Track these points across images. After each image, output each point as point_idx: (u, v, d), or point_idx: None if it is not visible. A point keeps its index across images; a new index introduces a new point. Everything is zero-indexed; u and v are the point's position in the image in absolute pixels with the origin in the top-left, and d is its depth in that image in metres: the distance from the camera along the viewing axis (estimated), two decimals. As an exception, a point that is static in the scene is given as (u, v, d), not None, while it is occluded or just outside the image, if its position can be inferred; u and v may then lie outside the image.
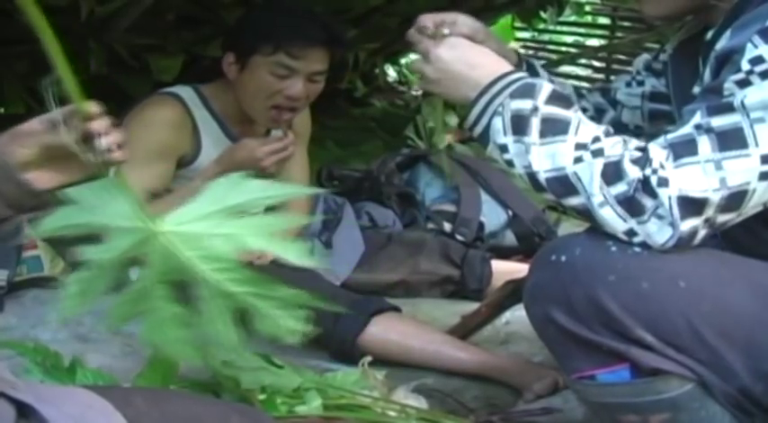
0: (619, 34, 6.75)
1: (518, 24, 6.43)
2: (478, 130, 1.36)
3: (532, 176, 1.30)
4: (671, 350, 1.24)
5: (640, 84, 1.79)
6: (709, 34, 1.37)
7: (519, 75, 1.36)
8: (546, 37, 7.75)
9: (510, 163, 1.32)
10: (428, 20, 1.50)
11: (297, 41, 2.14)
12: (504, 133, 1.31)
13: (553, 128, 1.28)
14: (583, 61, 7.04)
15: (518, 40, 7.67)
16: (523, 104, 1.30)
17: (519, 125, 1.30)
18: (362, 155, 4.02)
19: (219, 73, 2.28)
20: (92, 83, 3.81)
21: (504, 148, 1.32)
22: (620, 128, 1.77)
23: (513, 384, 2.00)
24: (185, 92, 2.28)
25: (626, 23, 6.75)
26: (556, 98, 1.32)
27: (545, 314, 1.30)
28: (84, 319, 2.26)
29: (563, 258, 1.28)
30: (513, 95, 1.32)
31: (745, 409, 1.27)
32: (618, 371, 1.27)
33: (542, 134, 1.28)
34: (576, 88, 1.85)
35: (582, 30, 7.60)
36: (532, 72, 1.73)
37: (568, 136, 1.27)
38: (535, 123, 1.29)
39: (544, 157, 1.28)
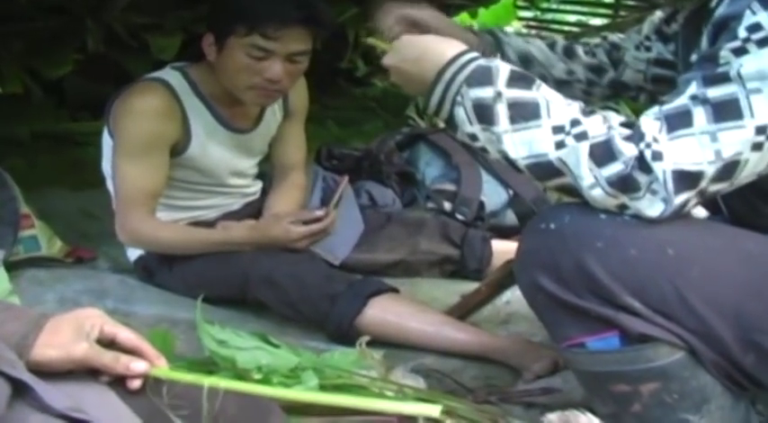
0: (622, 13, 6.71)
1: (520, 3, 6.40)
2: (443, 117, 1.34)
3: (510, 162, 1.29)
4: (659, 317, 1.23)
5: (648, 49, 1.76)
6: (714, 1, 1.34)
7: (469, 56, 1.33)
8: (549, 16, 7.72)
9: (483, 149, 1.31)
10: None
11: (271, 22, 2.08)
12: (470, 123, 1.29)
13: (523, 112, 1.26)
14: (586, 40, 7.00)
15: (521, 19, 7.65)
16: (483, 92, 1.28)
17: (484, 114, 1.28)
18: (363, 134, 4.01)
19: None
20: (90, 62, 3.83)
21: (473, 137, 1.30)
22: (620, 87, 1.76)
23: (512, 364, 1.99)
24: (173, 77, 2.25)
25: (629, 2, 6.71)
26: (516, 79, 1.29)
27: (533, 281, 1.29)
28: (81, 298, 2.25)
29: (552, 226, 1.28)
30: (470, 83, 1.29)
31: (736, 381, 1.26)
32: (607, 338, 1.27)
33: (512, 120, 1.26)
34: (568, 48, 1.82)
35: (585, 9, 7.57)
36: (498, 43, 1.71)
37: (542, 120, 1.25)
38: (501, 110, 1.27)
39: (520, 145, 1.26)
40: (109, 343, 1.17)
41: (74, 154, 3.65)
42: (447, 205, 2.86)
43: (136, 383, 1.16)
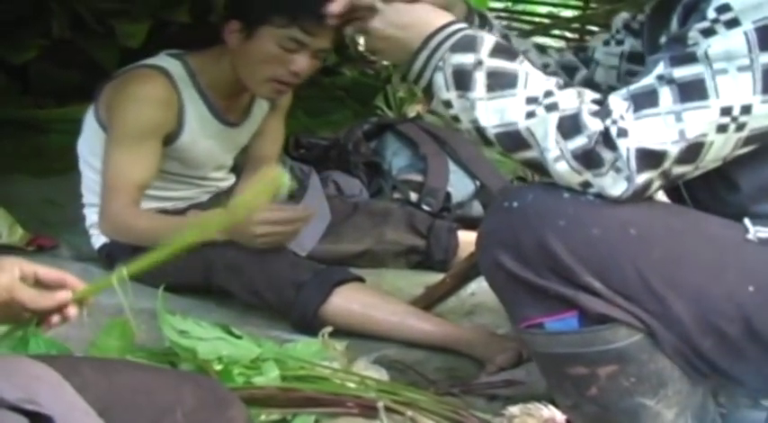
0: (593, 5, 6.72)
1: (492, -6, 6.40)
2: (422, 84, 1.33)
3: (480, 131, 1.28)
4: (619, 298, 1.23)
5: (619, 43, 1.76)
6: None
7: (457, 26, 1.33)
8: (520, 7, 7.72)
9: (455, 118, 1.30)
10: None
11: (313, 17, 2.06)
12: (447, 89, 1.29)
13: (501, 81, 1.26)
14: (556, 32, 7.01)
15: (492, 9, 7.64)
16: (465, 58, 1.27)
17: (462, 80, 1.27)
18: (332, 124, 3.99)
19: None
20: (55, 48, 3.78)
21: (447, 104, 1.30)
22: (592, 86, 1.76)
23: (476, 356, 1.99)
24: (173, 66, 2.23)
25: (600, -6, 6.73)
26: (500, 50, 1.29)
27: (494, 259, 1.29)
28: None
29: (515, 204, 1.28)
30: (453, 49, 1.29)
31: (694, 365, 1.26)
32: (566, 319, 1.26)
33: (489, 88, 1.26)
34: (539, 45, 1.82)
35: (556, 0, 7.58)
36: (484, 23, 1.71)
37: (517, 90, 1.25)
38: (480, 78, 1.26)
39: (492, 113, 1.25)
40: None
41: (37, 141, 3.60)
42: (413, 196, 2.85)
43: (72, 311, 1.23)
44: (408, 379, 1.87)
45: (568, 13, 7.23)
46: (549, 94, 1.24)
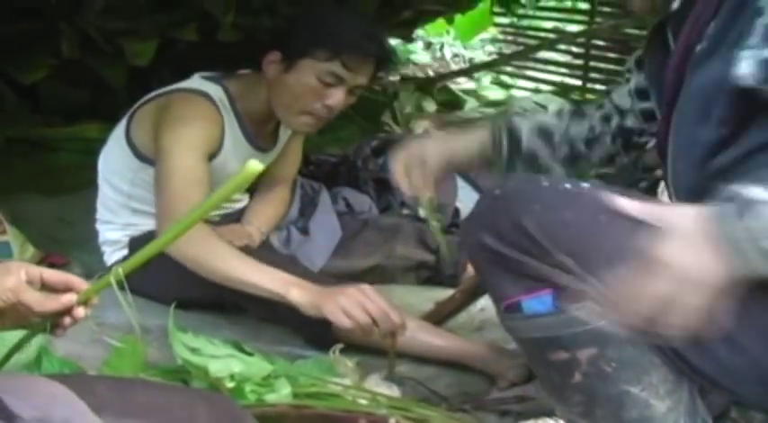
0: (598, 19, 6.75)
1: (497, 9, 6.42)
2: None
3: None
4: (590, 277, 1.23)
5: (628, 81, 1.77)
6: (676, 3, 1.38)
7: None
8: (525, 22, 7.75)
9: None
10: None
11: (356, 54, 2.11)
12: None
13: None
14: (562, 47, 7.04)
15: (497, 25, 7.68)
16: None
17: None
18: (340, 141, 4.00)
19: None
20: (65, 67, 3.79)
21: None
22: (625, 133, 1.77)
23: (487, 372, 1.99)
24: (214, 90, 2.24)
25: (605, 9, 6.76)
26: None
27: (477, 240, 1.32)
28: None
29: (497, 191, 1.32)
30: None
31: (663, 349, 1.26)
32: (542, 296, 1.28)
33: None
34: (576, 110, 1.84)
35: (561, 15, 7.61)
36: (510, 132, 1.78)
37: None
38: None
39: None
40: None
41: (47, 159, 3.63)
42: (421, 211, 2.86)
43: (80, 312, 1.24)
44: (420, 395, 1.87)
45: (574, 28, 7.25)
46: None
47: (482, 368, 2.01)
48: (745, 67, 1.22)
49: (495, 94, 6.43)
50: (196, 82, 2.26)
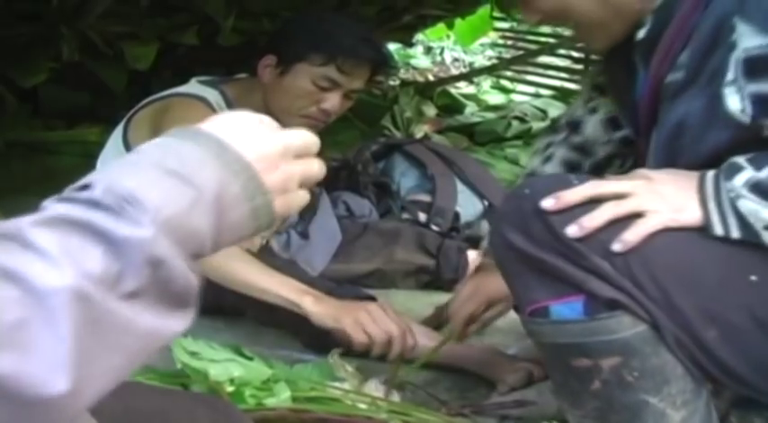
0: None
1: (497, 14, 6.41)
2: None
3: None
4: (627, 282, 1.22)
5: (593, 111, 1.76)
6: (641, 32, 1.37)
7: None
8: (525, 27, 7.73)
9: None
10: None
11: (351, 58, 2.12)
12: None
13: None
14: (562, 51, 7.03)
15: (497, 29, 7.67)
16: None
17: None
18: (339, 144, 4.00)
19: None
20: (65, 70, 3.78)
21: None
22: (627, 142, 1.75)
23: (486, 376, 1.99)
24: (212, 95, 2.23)
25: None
26: None
27: (505, 240, 1.28)
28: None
29: (527, 191, 1.28)
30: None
31: (697, 360, 1.25)
32: (572, 302, 1.25)
33: None
34: (571, 122, 1.82)
35: (561, 20, 7.59)
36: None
37: None
38: None
39: None
40: None
41: (47, 163, 3.62)
42: (422, 216, 2.86)
43: None
44: (419, 400, 1.87)
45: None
46: None
47: (482, 373, 2.00)
48: (732, 104, 1.21)
49: (496, 98, 6.42)
50: (193, 86, 2.26)
